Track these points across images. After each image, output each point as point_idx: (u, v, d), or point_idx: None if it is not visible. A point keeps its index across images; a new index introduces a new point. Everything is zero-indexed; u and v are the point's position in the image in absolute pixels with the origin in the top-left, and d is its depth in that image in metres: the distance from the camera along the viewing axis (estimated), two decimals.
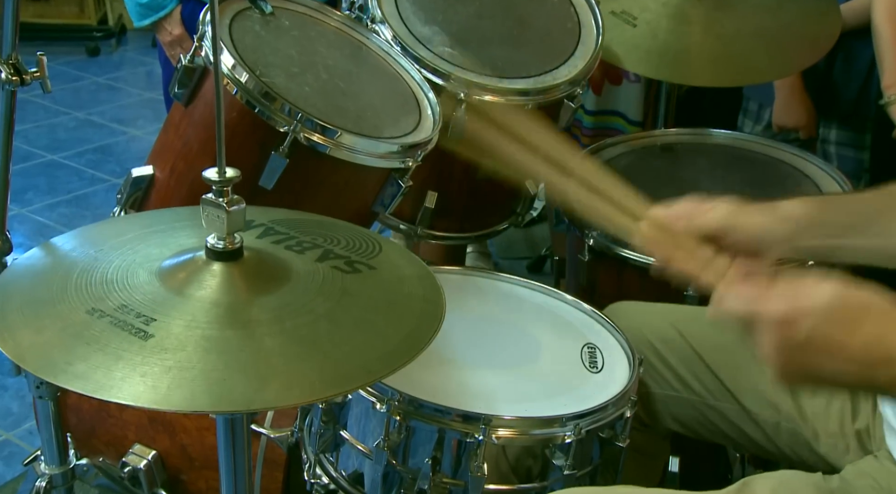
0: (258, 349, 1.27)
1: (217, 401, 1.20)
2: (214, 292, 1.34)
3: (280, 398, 1.23)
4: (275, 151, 1.88)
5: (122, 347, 1.23)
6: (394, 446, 1.63)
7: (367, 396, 1.64)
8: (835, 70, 2.97)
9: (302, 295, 1.38)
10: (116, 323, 1.27)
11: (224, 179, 1.35)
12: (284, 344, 1.29)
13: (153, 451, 2.04)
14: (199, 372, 1.22)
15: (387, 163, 1.99)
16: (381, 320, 1.39)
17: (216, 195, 1.36)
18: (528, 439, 1.63)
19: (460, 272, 2.07)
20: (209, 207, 1.36)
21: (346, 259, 1.49)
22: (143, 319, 1.28)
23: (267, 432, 1.93)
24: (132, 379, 1.19)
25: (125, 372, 1.20)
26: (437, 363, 1.73)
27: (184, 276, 1.37)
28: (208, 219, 1.37)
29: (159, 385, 1.19)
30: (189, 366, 1.22)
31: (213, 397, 1.20)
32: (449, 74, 2.22)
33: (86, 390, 1.18)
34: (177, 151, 2.06)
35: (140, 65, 6.59)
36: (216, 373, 1.22)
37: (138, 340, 1.25)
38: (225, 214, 1.35)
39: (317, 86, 2.01)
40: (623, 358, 1.82)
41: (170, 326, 1.28)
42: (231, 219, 1.36)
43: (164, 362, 1.22)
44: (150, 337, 1.25)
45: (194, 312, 1.30)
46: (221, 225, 1.36)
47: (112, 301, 1.31)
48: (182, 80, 2.00)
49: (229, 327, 1.30)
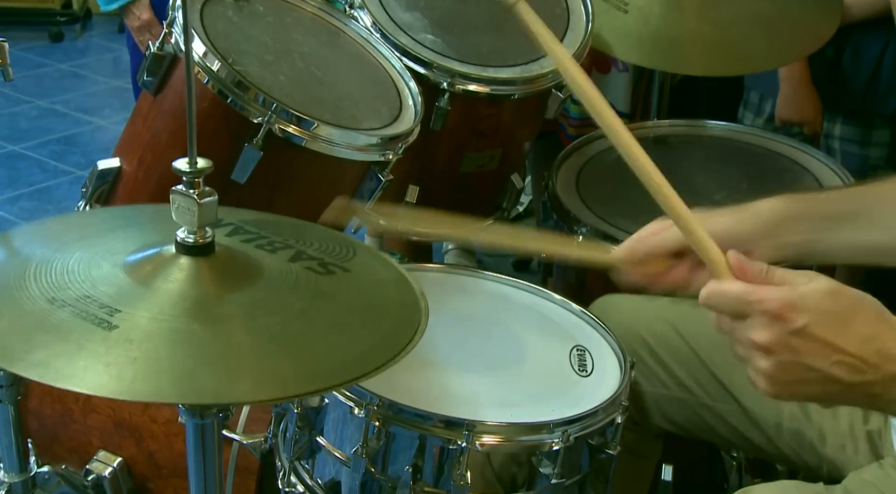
0: (228, 344, 1.28)
1: (185, 393, 1.21)
2: (182, 285, 1.35)
3: (252, 393, 1.24)
4: (248, 143, 1.88)
5: (85, 337, 1.23)
6: (373, 453, 1.63)
7: (345, 400, 1.64)
8: (843, 62, 2.98)
9: (274, 294, 1.38)
10: (78, 314, 1.27)
11: (195, 170, 1.35)
12: (256, 341, 1.29)
13: (119, 458, 2.03)
14: (167, 364, 1.22)
15: (366, 155, 1.99)
16: (358, 321, 1.39)
17: (187, 186, 1.36)
18: (513, 446, 1.63)
19: (442, 270, 2.07)
20: (179, 199, 1.36)
21: (319, 260, 1.49)
22: (106, 310, 1.28)
23: (239, 438, 1.93)
24: (95, 369, 1.19)
25: (88, 362, 1.20)
26: (419, 366, 1.73)
27: (150, 269, 1.37)
28: (178, 212, 1.37)
29: (124, 375, 1.19)
30: (156, 358, 1.22)
31: (180, 389, 1.20)
32: (431, 62, 2.22)
33: (45, 378, 1.18)
34: (145, 143, 2.06)
35: (106, 51, 6.58)
36: (184, 366, 1.22)
37: (102, 330, 1.25)
38: (196, 206, 1.35)
39: (292, 75, 2.01)
40: (614, 360, 1.82)
41: (135, 318, 1.28)
42: (202, 211, 1.36)
43: (130, 353, 1.22)
44: (115, 327, 1.25)
45: (161, 305, 1.30)
46: (192, 218, 1.36)
47: (73, 291, 1.31)
48: (151, 68, 1.99)
49: (197, 321, 1.30)
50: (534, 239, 1.80)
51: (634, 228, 2.21)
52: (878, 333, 1.22)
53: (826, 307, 1.22)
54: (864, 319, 1.22)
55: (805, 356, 1.21)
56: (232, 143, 1.90)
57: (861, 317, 1.22)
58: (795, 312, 1.21)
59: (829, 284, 1.23)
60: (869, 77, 2.95)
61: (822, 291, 1.22)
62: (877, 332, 1.22)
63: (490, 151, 2.42)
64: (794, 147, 2.61)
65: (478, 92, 2.26)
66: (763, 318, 1.22)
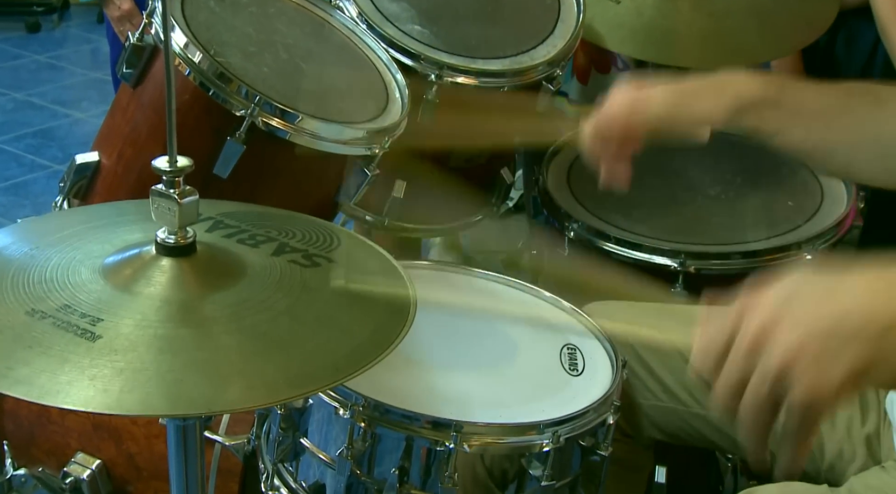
0: (215, 348, 1.28)
1: (174, 404, 1.20)
2: (165, 289, 1.35)
3: (243, 399, 1.24)
4: (230, 137, 1.88)
5: (68, 349, 1.23)
6: (358, 455, 1.63)
7: (330, 401, 1.64)
8: (836, 50, 2.99)
9: (259, 291, 1.39)
10: (60, 325, 1.26)
11: (175, 169, 1.35)
12: (243, 343, 1.30)
13: (97, 460, 2.03)
14: (154, 373, 1.22)
15: (351, 149, 1.99)
16: (346, 316, 1.39)
17: (167, 186, 1.36)
18: (502, 447, 1.63)
19: (431, 267, 2.08)
20: (159, 199, 1.36)
21: (303, 252, 1.49)
22: (88, 319, 1.28)
23: (221, 439, 1.93)
24: (80, 383, 1.19)
25: (72, 376, 1.20)
26: (405, 365, 1.73)
27: (130, 273, 1.37)
28: (158, 212, 1.37)
29: (110, 388, 1.19)
30: (142, 368, 1.22)
31: (169, 399, 1.20)
32: (419, 54, 2.22)
33: (30, 396, 1.18)
34: (124, 136, 2.05)
35: (85, 42, 6.56)
36: (172, 374, 1.22)
37: (85, 342, 1.24)
38: (177, 207, 1.35)
39: (276, 67, 2.00)
40: (605, 359, 1.82)
41: (118, 326, 1.28)
42: (183, 211, 1.36)
43: (115, 364, 1.22)
44: (98, 338, 1.25)
45: (144, 311, 1.30)
46: (173, 218, 1.36)
47: (53, 301, 1.31)
48: (130, 60, 1.99)
49: (183, 325, 1.30)
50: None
51: (626, 224, 2.24)
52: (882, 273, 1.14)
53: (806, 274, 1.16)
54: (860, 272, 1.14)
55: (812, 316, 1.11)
56: (214, 137, 1.89)
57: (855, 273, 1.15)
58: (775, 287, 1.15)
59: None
60: (863, 65, 2.95)
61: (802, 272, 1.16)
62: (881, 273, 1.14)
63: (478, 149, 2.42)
64: None
65: (466, 84, 2.26)
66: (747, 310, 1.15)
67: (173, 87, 1.34)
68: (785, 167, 2.49)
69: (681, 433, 1.90)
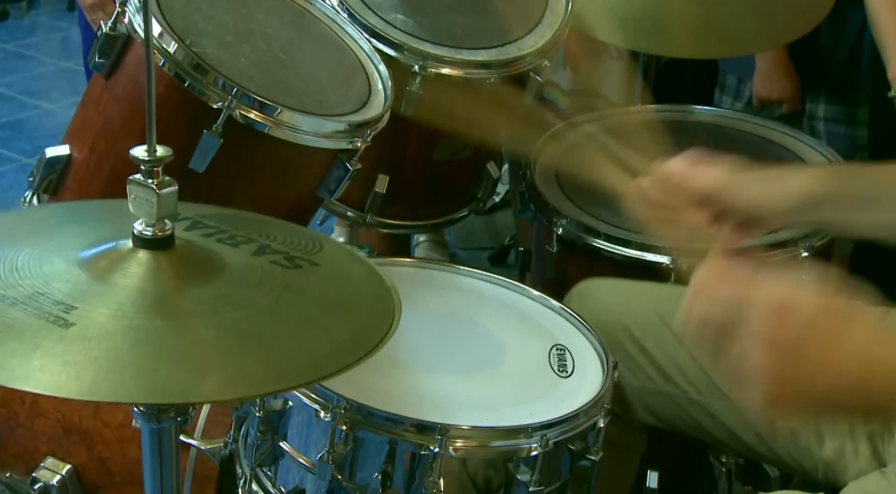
0: (193, 340, 1.28)
1: (149, 392, 1.22)
2: (141, 281, 1.35)
3: (220, 391, 1.25)
4: (207, 130, 1.88)
5: (40, 335, 1.23)
6: (339, 459, 1.63)
7: (310, 403, 1.65)
8: (821, 35, 2.99)
9: (239, 288, 1.39)
10: (31, 312, 1.27)
11: (154, 158, 1.35)
12: (222, 337, 1.30)
13: (68, 465, 2.03)
14: (129, 362, 1.23)
15: (333, 143, 1.99)
16: (327, 317, 1.40)
17: (145, 176, 1.36)
18: (489, 451, 1.64)
19: (414, 264, 2.08)
20: (137, 189, 1.36)
21: (284, 254, 1.49)
22: (61, 307, 1.28)
23: (197, 443, 1.93)
24: (53, 369, 1.20)
25: (44, 361, 1.20)
26: (388, 366, 1.73)
27: (107, 264, 1.37)
28: (136, 203, 1.37)
29: (84, 374, 1.19)
30: (117, 356, 1.23)
31: (144, 388, 1.21)
32: (402, 44, 2.22)
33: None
34: (97, 129, 2.05)
35: (55, 30, 6.54)
36: (147, 364, 1.23)
37: (58, 328, 1.25)
38: (155, 197, 1.35)
39: (254, 58, 2.00)
40: (595, 359, 1.83)
41: (92, 315, 1.28)
42: (162, 202, 1.36)
43: (89, 351, 1.22)
44: (71, 325, 1.25)
45: (119, 301, 1.31)
46: (151, 209, 1.36)
47: (23, 288, 1.32)
48: (103, 50, 1.99)
49: (160, 317, 1.30)
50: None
51: (618, 221, 2.24)
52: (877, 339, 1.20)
53: (824, 304, 1.20)
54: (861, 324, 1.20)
55: (806, 366, 1.18)
56: (190, 130, 1.89)
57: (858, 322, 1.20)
58: (797, 304, 1.19)
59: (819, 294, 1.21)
60: (849, 51, 2.96)
61: (817, 290, 1.21)
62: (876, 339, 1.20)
63: (464, 139, 2.42)
64: (784, 132, 2.62)
65: (451, 75, 2.26)
66: (763, 314, 1.19)
67: (153, 76, 1.34)
68: (780, 161, 2.50)
69: (675, 420, 1.90)
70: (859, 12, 2.67)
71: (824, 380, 1.18)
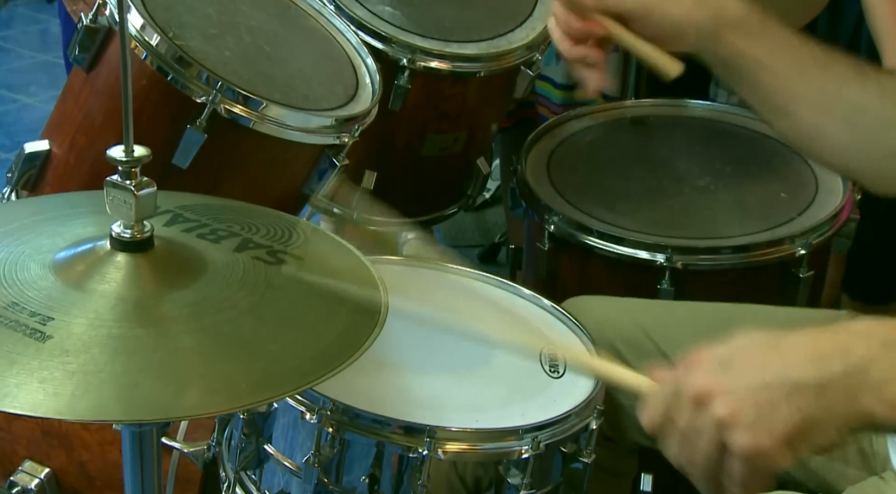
0: (174, 349, 1.28)
1: (129, 409, 1.20)
2: (120, 286, 1.34)
3: (202, 404, 1.24)
4: (190, 125, 1.88)
5: (16, 350, 1.23)
6: (326, 462, 1.63)
7: (296, 405, 1.64)
8: (818, 27, 2.99)
9: (221, 289, 1.38)
10: (7, 324, 1.26)
11: (132, 159, 1.35)
12: (203, 344, 1.29)
13: (47, 469, 2.02)
14: (108, 375, 1.22)
15: (319, 138, 1.99)
16: (312, 315, 1.40)
17: (123, 177, 1.35)
18: (479, 454, 1.64)
19: (402, 262, 2.08)
20: (115, 191, 1.36)
21: (267, 248, 1.49)
22: (38, 318, 1.27)
23: (180, 446, 1.93)
24: (30, 386, 1.19)
25: (21, 378, 1.19)
26: (376, 367, 1.73)
27: (83, 269, 1.36)
28: (113, 205, 1.36)
29: (62, 391, 1.19)
30: (95, 370, 1.22)
31: (124, 404, 1.20)
32: (390, 37, 2.23)
33: None
34: (77, 124, 2.05)
35: (33, 22, 6.53)
36: (127, 377, 1.22)
37: (34, 342, 1.24)
38: (133, 199, 1.35)
39: (238, 51, 2.00)
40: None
41: (70, 325, 1.27)
42: (140, 204, 1.35)
43: (67, 366, 1.21)
44: (49, 338, 1.25)
45: (98, 309, 1.30)
46: (129, 211, 1.36)
47: (0, 299, 1.31)
48: (83, 42, 1.98)
49: (139, 325, 1.29)
50: None
51: (610, 217, 2.24)
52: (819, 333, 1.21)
53: (748, 335, 1.23)
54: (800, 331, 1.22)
55: (750, 373, 1.20)
56: (173, 125, 1.89)
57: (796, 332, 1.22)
58: (717, 347, 1.22)
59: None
60: (847, 43, 2.96)
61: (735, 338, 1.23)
62: (819, 333, 1.21)
63: (454, 134, 2.42)
64: None
65: (440, 69, 2.26)
66: (688, 370, 1.23)
67: (129, 71, 1.34)
68: (777, 156, 2.50)
69: None
70: (857, 3, 2.67)
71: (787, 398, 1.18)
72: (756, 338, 1.22)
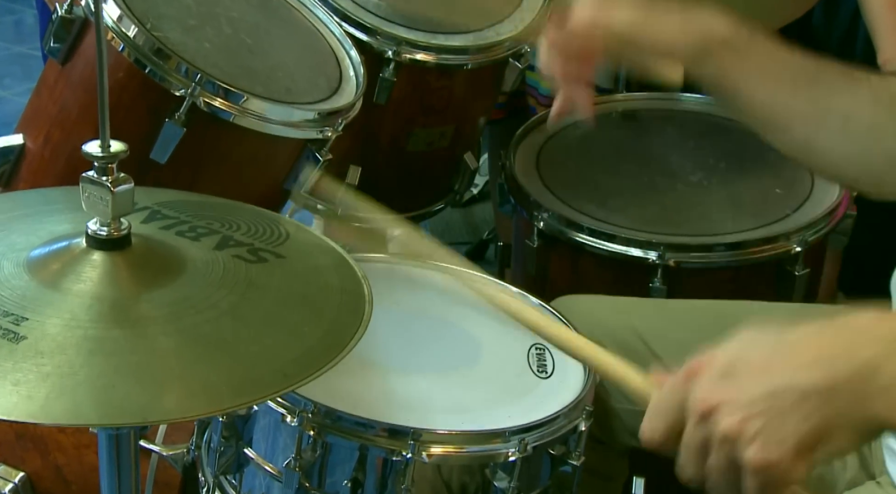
0: (152, 350, 1.27)
1: (106, 412, 1.20)
2: (96, 285, 1.34)
3: (181, 408, 1.23)
4: (169, 119, 1.88)
5: None
6: (307, 466, 1.63)
7: (276, 407, 1.64)
8: (814, 19, 3.00)
9: (201, 289, 1.38)
10: None
11: (108, 154, 1.35)
12: (183, 345, 1.29)
13: (21, 473, 2.02)
14: (84, 378, 1.21)
15: (302, 132, 1.99)
16: (295, 316, 1.40)
17: (99, 173, 1.35)
18: (465, 456, 1.64)
19: (387, 260, 2.08)
20: (90, 187, 1.35)
21: (248, 246, 1.49)
22: (11, 318, 1.27)
23: (158, 449, 1.93)
24: (3, 389, 1.18)
25: None
26: (359, 367, 1.73)
27: (58, 268, 1.36)
28: (89, 202, 1.36)
29: (36, 394, 1.18)
30: (71, 372, 1.21)
31: (101, 407, 1.19)
32: (375, 29, 2.22)
33: None
34: (52, 117, 2.04)
35: (7, 12, 6.51)
36: (104, 379, 1.21)
37: (8, 343, 1.24)
38: (109, 196, 1.34)
39: (219, 43, 2.00)
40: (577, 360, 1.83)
41: (45, 326, 1.27)
42: (116, 201, 1.35)
43: (41, 368, 1.21)
44: (23, 339, 1.24)
45: (73, 309, 1.30)
46: (105, 208, 1.35)
47: None
48: (58, 34, 1.98)
49: (116, 326, 1.29)
50: None
51: (601, 214, 2.25)
52: (822, 331, 1.19)
53: (750, 336, 1.21)
54: (803, 329, 1.19)
55: (754, 382, 1.17)
56: (151, 119, 1.89)
57: (798, 329, 1.20)
58: (717, 354, 1.20)
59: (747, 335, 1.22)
60: (843, 36, 2.96)
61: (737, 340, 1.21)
62: (822, 331, 1.19)
63: (440, 128, 2.42)
64: None
65: (426, 61, 2.26)
66: (690, 380, 1.21)
67: (105, 64, 1.34)
68: (772, 151, 2.49)
69: None
70: None
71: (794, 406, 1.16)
72: (757, 340, 1.20)
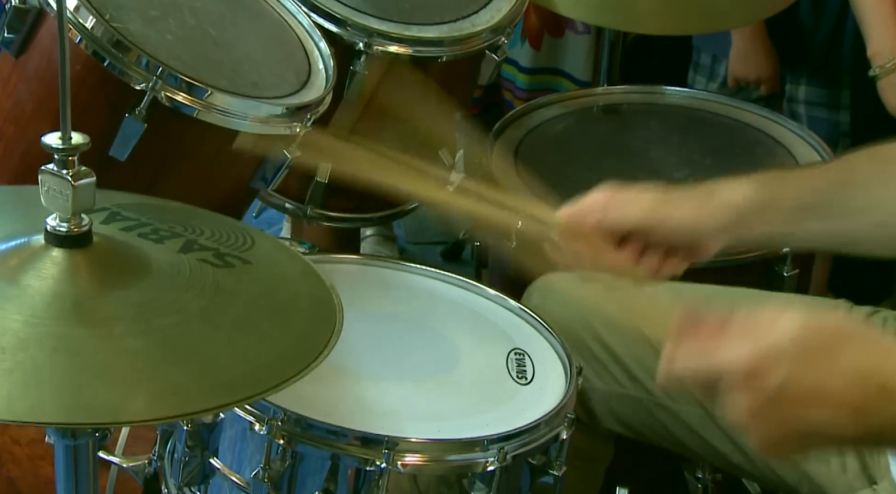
0: (118, 351, 1.28)
1: (73, 411, 1.20)
2: (57, 283, 1.34)
3: (151, 409, 1.24)
4: (129, 114, 1.87)
5: None
6: (276, 476, 1.63)
7: (244, 415, 1.64)
8: (801, 10, 3.00)
9: (167, 291, 1.39)
10: None
11: (69, 146, 1.34)
12: (151, 347, 1.29)
13: None
14: (48, 375, 1.21)
15: (269, 128, 1.98)
16: (265, 321, 1.40)
17: (59, 166, 1.35)
18: (441, 466, 1.64)
19: (359, 261, 2.07)
20: (50, 181, 1.35)
21: (214, 250, 1.49)
22: None
23: (118, 460, 1.92)
24: None
25: None
26: (331, 374, 1.72)
27: (16, 264, 1.36)
28: (49, 196, 1.36)
29: None
30: (34, 369, 1.22)
31: (67, 406, 1.20)
32: (345, 20, 2.22)
33: None
34: (6, 112, 2.03)
35: None
36: (69, 378, 1.22)
37: None
38: (70, 190, 1.34)
39: (181, 34, 1.99)
40: (557, 365, 1.83)
41: (5, 322, 1.27)
42: (77, 195, 1.35)
43: (2, 363, 1.21)
44: None
45: (34, 306, 1.30)
46: (66, 203, 1.35)
47: None
48: (12, 24, 1.97)
49: (80, 324, 1.30)
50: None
51: None
52: (874, 365, 1.19)
53: (803, 348, 1.20)
54: (853, 351, 1.20)
55: (797, 412, 1.19)
56: (110, 114, 1.88)
57: (848, 349, 1.20)
58: (769, 365, 1.19)
59: (801, 319, 1.21)
60: (831, 28, 2.97)
61: (794, 331, 1.20)
62: (872, 364, 1.19)
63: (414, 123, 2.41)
64: (763, 116, 2.63)
65: (399, 53, 2.25)
66: (734, 382, 1.21)
67: (67, 54, 1.33)
68: (760, 147, 2.51)
69: (643, 427, 1.91)
70: None
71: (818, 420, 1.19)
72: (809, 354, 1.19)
